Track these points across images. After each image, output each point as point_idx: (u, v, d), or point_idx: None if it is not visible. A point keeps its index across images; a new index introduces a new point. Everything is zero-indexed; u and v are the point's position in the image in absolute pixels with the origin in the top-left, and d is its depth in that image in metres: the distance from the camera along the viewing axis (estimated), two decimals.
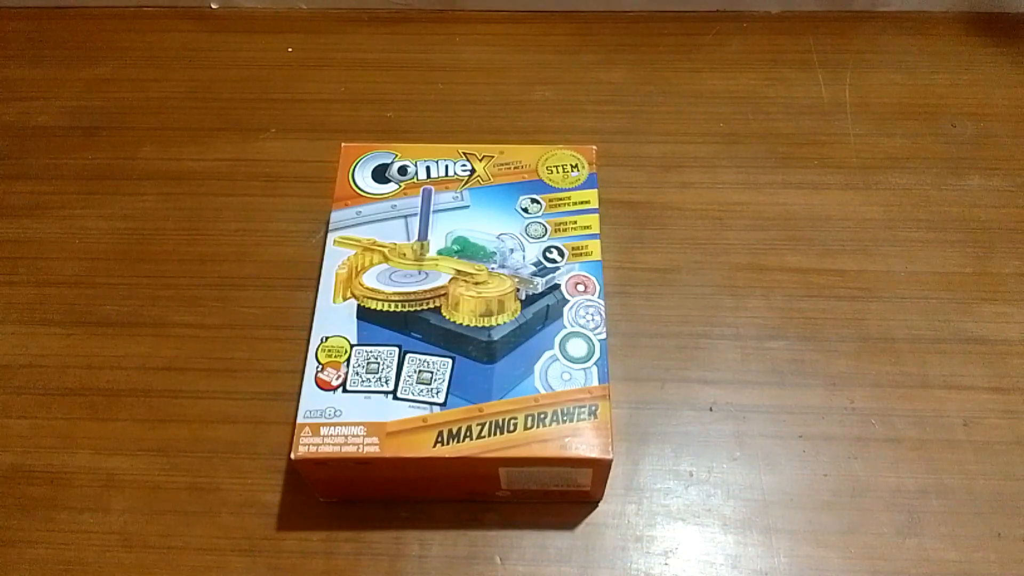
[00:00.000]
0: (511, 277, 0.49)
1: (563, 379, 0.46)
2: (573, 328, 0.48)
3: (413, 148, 0.55)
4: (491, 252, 0.50)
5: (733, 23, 0.70)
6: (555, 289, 0.49)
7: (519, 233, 0.51)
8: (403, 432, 0.44)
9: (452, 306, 0.48)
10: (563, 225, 0.52)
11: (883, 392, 0.53)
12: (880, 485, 0.49)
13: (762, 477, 0.50)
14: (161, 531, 0.48)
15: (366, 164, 0.54)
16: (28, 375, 0.54)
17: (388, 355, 0.46)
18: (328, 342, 0.47)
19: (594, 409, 0.45)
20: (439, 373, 0.46)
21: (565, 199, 0.53)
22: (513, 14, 0.71)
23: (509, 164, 0.54)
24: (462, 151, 0.55)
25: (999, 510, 0.48)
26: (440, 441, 0.44)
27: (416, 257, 0.50)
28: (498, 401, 0.45)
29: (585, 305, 0.49)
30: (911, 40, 0.69)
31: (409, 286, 0.49)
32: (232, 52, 0.70)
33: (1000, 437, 0.51)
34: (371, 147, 0.55)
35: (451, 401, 0.45)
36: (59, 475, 0.50)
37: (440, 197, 0.53)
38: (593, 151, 0.55)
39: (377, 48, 0.70)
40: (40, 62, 0.69)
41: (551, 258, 0.50)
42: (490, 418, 0.44)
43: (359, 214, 0.52)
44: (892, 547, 0.47)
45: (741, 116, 0.65)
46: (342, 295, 0.49)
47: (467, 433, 0.44)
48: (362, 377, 0.46)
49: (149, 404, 0.53)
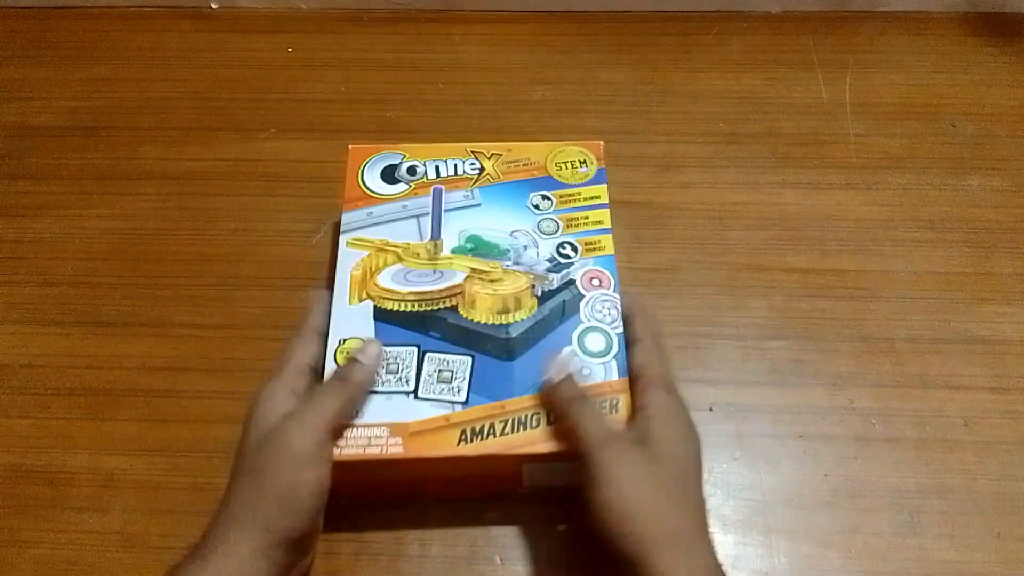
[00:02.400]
0: (526, 274, 0.50)
1: (583, 374, 0.46)
2: (590, 323, 0.48)
3: (421, 148, 0.55)
4: (505, 249, 0.51)
5: (733, 23, 0.70)
6: (570, 285, 0.49)
7: (531, 230, 0.51)
8: (426, 432, 0.44)
9: (469, 304, 0.48)
10: (575, 221, 0.52)
11: (883, 392, 0.53)
12: (880, 485, 0.49)
13: (762, 477, 0.50)
14: (161, 531, 0.48)
15: (375, 165, 0.54)
16: (28, 375, 0.54)
17: (407, 355, 0.46)
18: (346, 344, 0.47)
19: (615, 403, 0.45)
20: (459, 372, 0.46)
21: (575, 195, 0.53)
22: (513, 14, 0.71)
23: (518, 162, 0.54)
24: (470, 150, 0.55)
25: (999, 510, 0.48)
26: (464, 439, 0.44)
27: (430, 256, 0.50)
28: (519, 398, 0.45)
29: (601, 300, 0.49)
30: (911, 40, 0.69)
31: (424, 285, 0.49)
32: (232, 52, 0.70)
33: (1000, 437, 0.51)
34: (379, 148, 0.55)
35: (472, 399, 0.45)
36: (59, 475, 0.50)
37: (451, 196, 0.53)
38: (601, 146, 0.56)
39: (377, 48, 0.70)
40: (40, 62, 0.69)
41: (565, 254, 0.50)
42: (512, 415, 0.44)
43: (371, 215, 0.52)
44: (892, 547, 0.47)
45: (741, 116, 0.65)
46: (358, 296, 0.49)
47: (490, 430, 0.44)
48: (382, 377, 0.46)
49: (149, 404, 0.53)
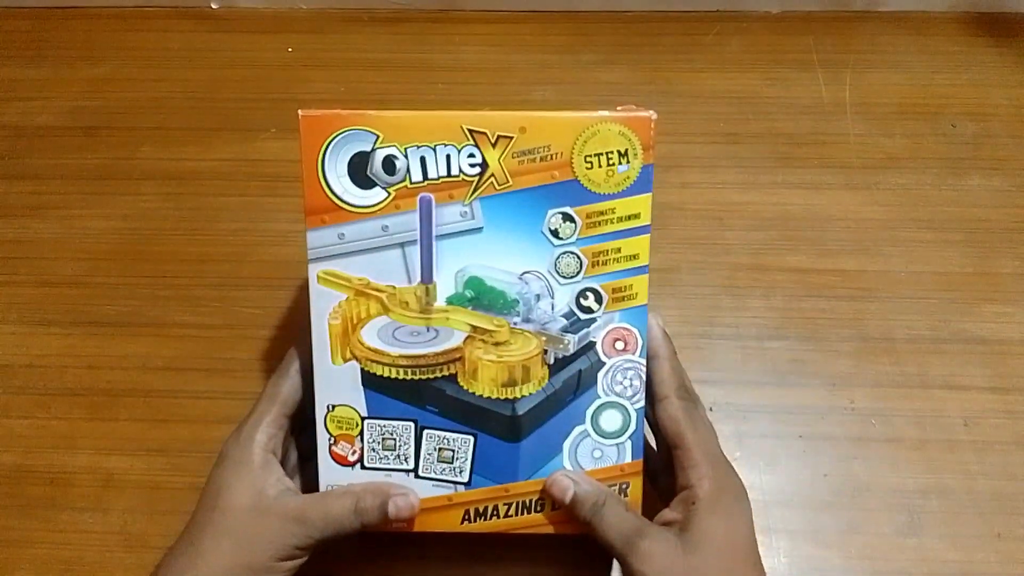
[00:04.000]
0: (537, 335, 0.42)
1: (594, 457, 0.42)
2: (608, 398, 0.42)
3: (399, 120, 0.41)
4: (512, 300, 0.42)
5: (733, 23, 0.70)
6: (589, 349, 0.42)
7: (547, 271, 0.41)
8: (429, 509, 0.43)
9: (470, 374, 0.42)
10: (603, 256, 0.41)
11: (883, 392, 0.53)
12: (880, 485, 0.49)
13: (762, 477, 0.50)
14: (161, 531, 0.48)
15: (339, 151, 0.41)
16: (28, 375, 0.54)
17: (404, 431, 0.42)
18: (336, 412, 0.43)
19: (625, 488, 0.43)
20: (461, 451, 0.42)
21: (608, 212, 0.41)
22: (513, 14, 0.71)
23: (534, 153, 0.40)
24: (468, 128, 0.41)
25: (999, 510, 0.48)
26: (467, 519, 0.43)
27: (421, 307, 0.42)
28: (525, 482, 0.43)
29: (623, 368, 0.42)
30: (911, 40, 0.69)
31: (417, 347, 0.42)
32: (232, 52, 0.70)
33: (1000, 437, 0.51)
34: (342, 120, 0.41)
35: (476, 480, 0.43)
36: (59, 475, 0.50)
37: (444, 212, 0.41)
38: (652, 123, 0.40)
39: (377, 48, 0.70)
40: (40, 62, 0.69)
41: (586, 306, 0.42)
42: (517, 499, 0.43)
43: (342, 237, 0.42)
44: (892, 547, 0.47)
45: (741, 116, 0.65)
46: (341, 355, 0.42)
47: (494, 512, 0.43)
48: (379, 454, 0.43)
49: (149, 404, 0.53)
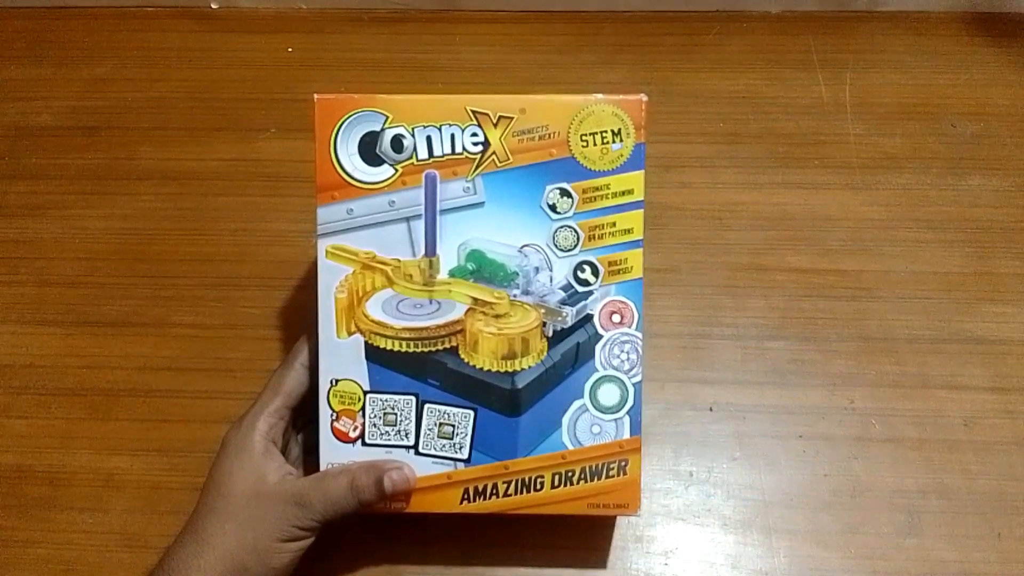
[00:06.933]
0: (536, 307, 0.43)
1: (592, 432, 0.43)
2: (606, 371, 0.43)
3: (408, 103, 0.44)
4: (512, 273, 0.43)
5: (733, 23, 0.70)
6: (587, 322, 0.43)
7: (545, 244, 0.43)
8: (428, 488, 0.43)
9: (470, 346, 0.43)
10: (599, 230, 0.43)
11: (883, 392, 0.53)
12: (880, 485, 0.49)
13: (762, 477, 0.50)
14: (161, 531, 0.48)
15: (350, 131, 0.44)
16: (28, 375, 0.54)
17: (405, 405, 0.43)
18: (339, 386, 0.44)
19: (624, 465, 0.43)
20: (461, 426, 0.43)
21: (603, 188, 0.43)
22: (513, 14, 0.71)
23: (532, 132, 0.43)
24: (471, 109, 0.43)
25: (999, 510, 0.48)
26: (466, 498, 0.43)
27: (425, 280, 0.44)
28: (524, 458, 0.43)
29: (620, 341, 0.43)
30: (911, 40, 0.69)
31: (420, 320, 0.43)
32: (232, 52, 0.70)
33: (1000, 437, 0.51)
34: (354, 102, 0.44)
35: (475, 457, 0.43)
36: (59, 475, 0.50)
37: (448, 188, 0.44)
38: (642, 104, 0.43)
39: (377, 48, 0.70)
40: (40, 62, 0.69)
41: (583, 279, 0.43)
42: (516, 476, 0.43)
43: (350, 212, 0.44)
44: (892, 547, 0.47)
45: (741, 116, 0.65)
46: (346, 328, 0.44)
47: (493, 490, 0.43)
48: (380, 429, 0.43)
49: (149, 404, 0.53)
